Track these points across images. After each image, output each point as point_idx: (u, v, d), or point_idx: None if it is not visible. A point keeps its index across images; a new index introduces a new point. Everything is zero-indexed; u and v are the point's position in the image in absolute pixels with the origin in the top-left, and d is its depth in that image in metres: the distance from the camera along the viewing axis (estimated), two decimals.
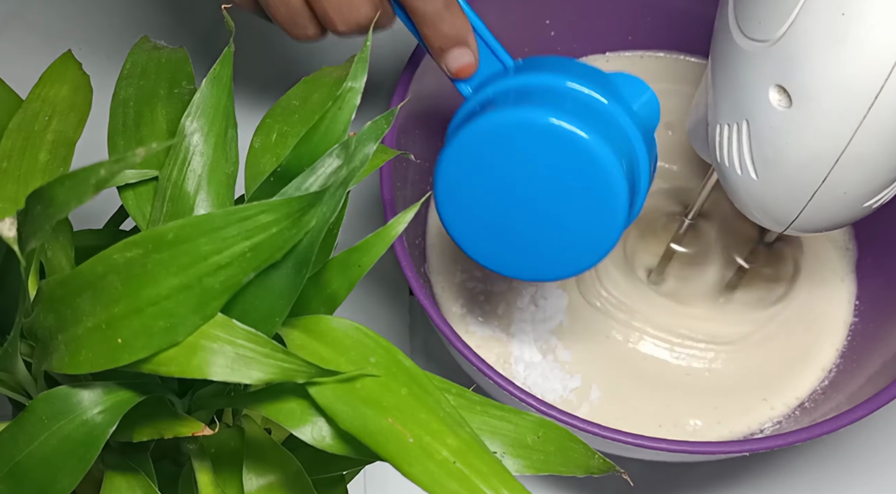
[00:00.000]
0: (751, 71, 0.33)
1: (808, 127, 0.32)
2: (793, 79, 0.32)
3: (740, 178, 0.35)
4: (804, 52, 0.31)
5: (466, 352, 0.36)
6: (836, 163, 0.32)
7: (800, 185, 0.34)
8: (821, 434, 0.35)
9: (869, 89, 0.30)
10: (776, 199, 0.35)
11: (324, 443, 0.24)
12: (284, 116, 0.30)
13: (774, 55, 0.32)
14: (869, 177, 0.33)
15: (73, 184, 0.20)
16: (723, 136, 0.35)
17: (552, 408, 0.35)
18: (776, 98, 0.32)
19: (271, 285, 0.23)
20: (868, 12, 0.29)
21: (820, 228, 0.36)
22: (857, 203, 0.34)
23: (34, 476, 0.24)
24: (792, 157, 0.33)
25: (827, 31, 0.30)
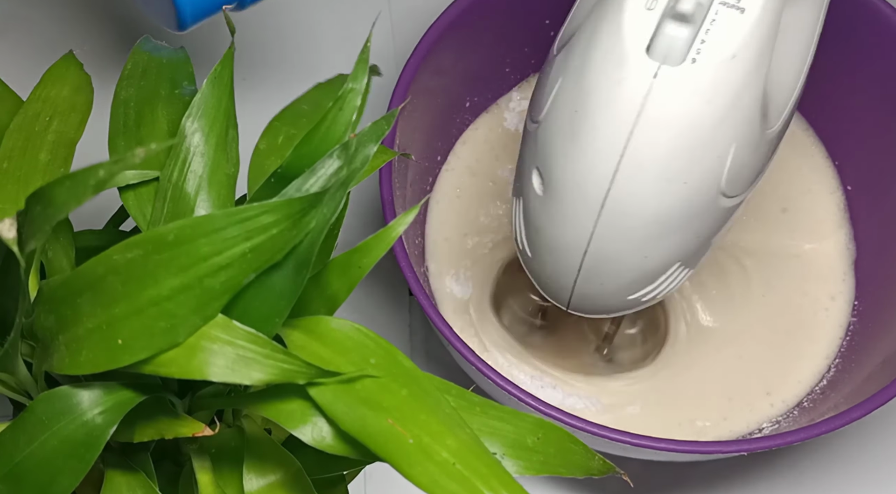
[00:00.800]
0: (526, 150, 0.34)
1: (556, 215, 0.32)
2: (544, 164, 0.32)
3: (522, 253, 0.36)
4: (551, 140, 0.32)
5: (466, 353, 0.36)
6: (584, 254, 0.32)
7: (561, 270, 0.34)
8: (819, 434, 0.35)
9: (598, 189, 0.31)
10: (548, 278, 0.35)
11: (324, 444, 0.24)
12: (293, 120, 0.30)
13: (535, 139, 0.33)
14: (620, 273, 0.33)
15: (73, 185, 0.20)
16: (513, 209, 0.36)
17: (552, 408, 0.35)
18: (536, 181, 0.33)
19: (272, 286, 0.23)
20: (594, 114, 0.30)
21: (599, 313, 0.36)
22: (620, 295, 0.34)
23: (34, 477, 0.24)
24: (548, 241, 0.33)
25: (566, 125, 0.31)
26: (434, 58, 0.42)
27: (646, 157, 0.30)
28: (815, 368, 0.44)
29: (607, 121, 0.30)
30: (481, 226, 0.47)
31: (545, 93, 0.33)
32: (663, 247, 0.32)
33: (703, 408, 0.43)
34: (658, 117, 0.29)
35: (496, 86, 0.49)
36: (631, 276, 0.33)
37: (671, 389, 0.44)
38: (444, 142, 0.48)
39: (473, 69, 0.47)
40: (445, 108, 0.47)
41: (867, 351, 0.43)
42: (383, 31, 0.55)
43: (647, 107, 0.29)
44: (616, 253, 0.32)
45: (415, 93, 0.41)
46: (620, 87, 0.29)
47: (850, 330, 0.45)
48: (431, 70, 0.42)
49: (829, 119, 0.47)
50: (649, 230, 0.31)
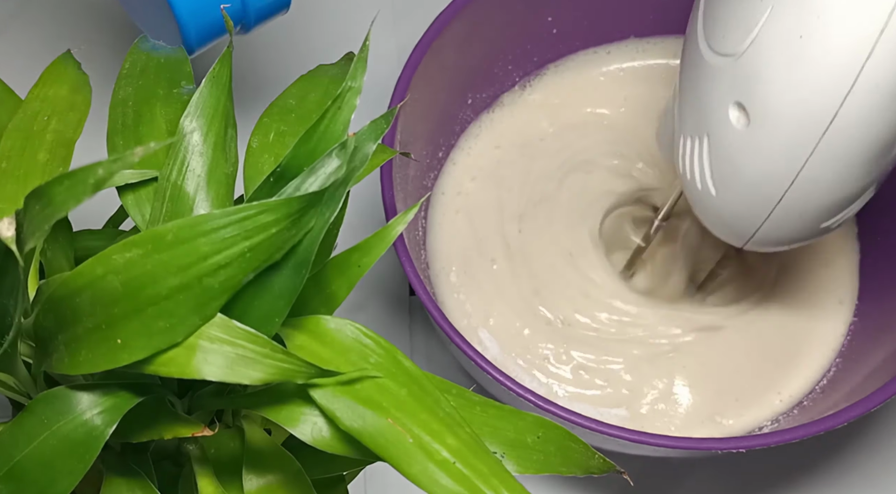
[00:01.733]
0: (713, 85, 0.33)
1: (764, 147, 0.32)
2: (751, 97, 0.31)
3: (700, 193, 0.35)
4: (763, 71, 0.31)
5: (467, 349, 0.36)
6: (791, 185, 0.32)
7: (756, 204, 0.33)
8: (819, 432, 0.35)
9: (823, 114, 0.30)
10: (733, 216, 0.35)
11: (323, 444, 0.24)
12: (281, 116, 0.30)
13: (736, 71, 0.32)
14: (824, 200, 0.33)
15: (71, 184, 0.20)
16: (685, 149, 0.35)
17: (552, 404, 0.35)
18: (735, 115, 0.32)
19: (271, 285, 0.23)
20: (825, 37, 0.29)
21: (779, 245, 0.36)
22: (815, 223, 0.34)
23: (34, 477, 0.24)
24: (748, 176, 0.33)
25: (785, 52, 0.30)
26: (436, 54, 0.42)
27: (883, 77, 0.29)
28: (816, 367, 0.44)
29: (843, 42, 0.29)
30: (484, 222, 0.47)
31: (743, 23, 0.31)
32: (874, 168, 0.32)
33: (703, 407, 0.43)
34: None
35: (498, 83, 0.49)
36: (833, 202, 0.33)
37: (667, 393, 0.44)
38: (446, 139, 0.48)
39: (475, 66, 0.47)
40: (447, 105, 0.47)
41: (868, 351, 0.43)
42: (386, 28, 0.55)
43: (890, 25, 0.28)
44: (828, 180, 0.31)
45: (416, 89, 0.41)
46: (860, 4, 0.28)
47: (851, 330, 0.45)
48: (433, 67, 0.42)
49: None
50: (871, 151, 0.31)
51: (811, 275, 0.46)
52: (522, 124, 0.49)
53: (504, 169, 0.48)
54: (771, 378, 0.44)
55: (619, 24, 0.49)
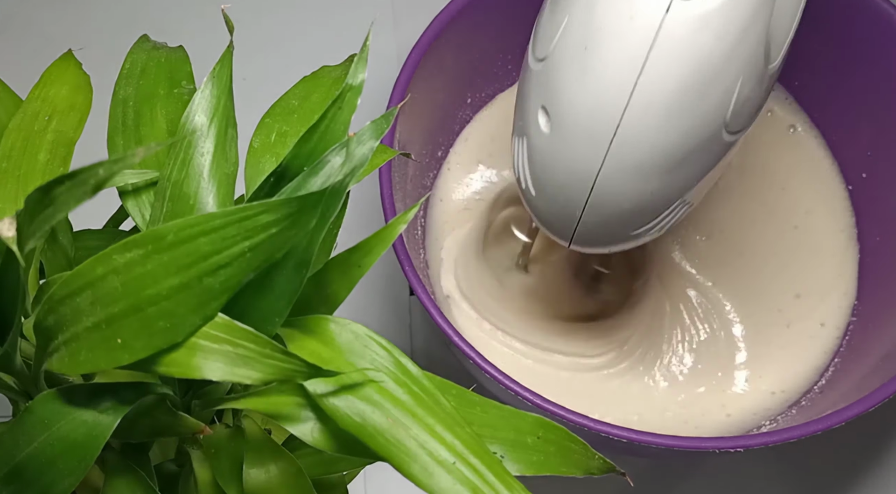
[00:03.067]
0: (529, 89, 0.34)
1: (565, 151, 0.32)
2: (551, 102, 0.32)
3: (524, 192, 0.36)
4: (558, 78, 0.32)
5: (467, 349, 0.36)
6: (591, 190, 0.33)
7: (567, 206, 0.34)
8: (817, 431, 0.35)
9: (608, 124, 0.31)
10: (552, 216, 0.36)
11: (323, 444, 0.24)
12: (283, 116, 0.30)
13: (542, 76, 0.33)
14: (624, 207, 0.33)
15: (72, 184, 0.20)
16: (514, 148, 0.36)
17: (551, 404, 0.35)
18: (543, 119, 0.33)
19: (271, 285, 0.23)
20: (604, 50, 0.30)
21: (601, 247, 0.37)
22: (623, 230, 0.35)
23: (34, 477, 0.24)
24: (556, 179, 0.34)
25: (575, 61, 0.31)
26: (435, 54, 0.42)
27: (656, 92, 0.30)
28: (814, 367, 0.44)
29: (618, 56, 0.30)
30: (482, 221, 0.47)
31: (550, 30, 0.32)
32: (668, 181, 0.33)
33: (702, 406, 0.43)
34: (670, 52, 0.29)
35: (497, 82, 0.49)
36: (635, 211, 0.34)
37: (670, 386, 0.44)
38: (445, 138, 0.48)
39: (474, 65, 0.47)
40: (446, 105, 0.47)
41: (866, 351, 0.43)
42: (386, 28, 0.55)
43: (659, 41, 0.29)
44: (622, 188, 0.32)
45: (415, 89, 0.41)
46: (632, 22, 0.29)
47: (849, 330, 0.45)
48: (432, 66, 0.42)
49: (833, 118, 0.47)
50: (656, 164, 0.32)
51: (809, 274, 0.46)
52: None
53: (504, 167, 0.48)
54: (770, 378, 0.44)
55: None
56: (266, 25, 0.56)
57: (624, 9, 0.30)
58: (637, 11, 0.29)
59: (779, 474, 0.46)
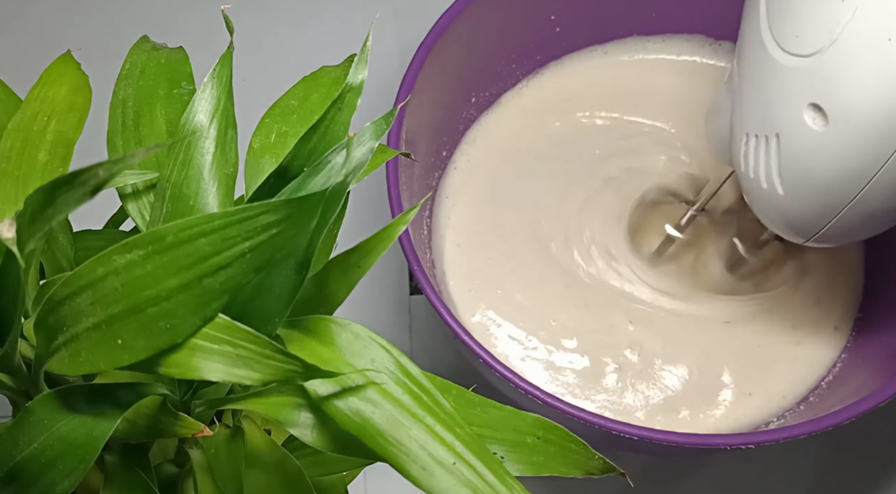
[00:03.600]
0: (784, 85, 0.32)
1: (842, 149, 0.31)
2: (831, 99, 0.31)
3: (764, 191, 0.35)
4: (845, 74, 0.30)
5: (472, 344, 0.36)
6: (864, 187, 0.31)
7: (826, 205, 0.33)
8: (827, 427, 0.35)
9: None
10: (800, 215, 0.34)
11: (323, 444, 0.24)
12: (283, 116, 0.30)
13: (812, 72, 0.31)
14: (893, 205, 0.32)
15: (72, 186, 0.20)
16: (748, 147, 0.34)
17: (558, 401, 0.35)
18: (811, 116, 0.31)
19: (271, 286, 0.23)
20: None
21: (841, 242, 0.36)
22: (883, 224, 0.34)
23: (34, 477, 0.24)
24: (821, 178, 0.32)
25: (871, 55, 0.29)
26: (439, 54, 0.42)
27: None
28: (820, 364, 0.44)
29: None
30: (488, 221, 0.47)
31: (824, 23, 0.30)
32: None
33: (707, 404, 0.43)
34: None
35: (501, 82, 0.49)
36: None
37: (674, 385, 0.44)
38: (450, 138, 0.48)
39: (478, 65, 0.47)
40: (451, 105, 0.47)
41: (873, 347, 0.43)
42: (388, 29, 0.55)
43: None
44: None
45: (420, 89, 0.41)
46: None
47: (855, 326, 0.45)
48: (437, 66, 0.42)
49: None
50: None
51: (816, 270, 0.46)
52: (525, 122, 0.49)
53: (508, 166, 0.48)
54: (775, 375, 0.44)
55: (622, 21, 0.50)
56: (266, 25, 0.56)
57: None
58: None
59: (779, 473, 0.46)
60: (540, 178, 0.48)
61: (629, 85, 0.50)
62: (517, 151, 0.48)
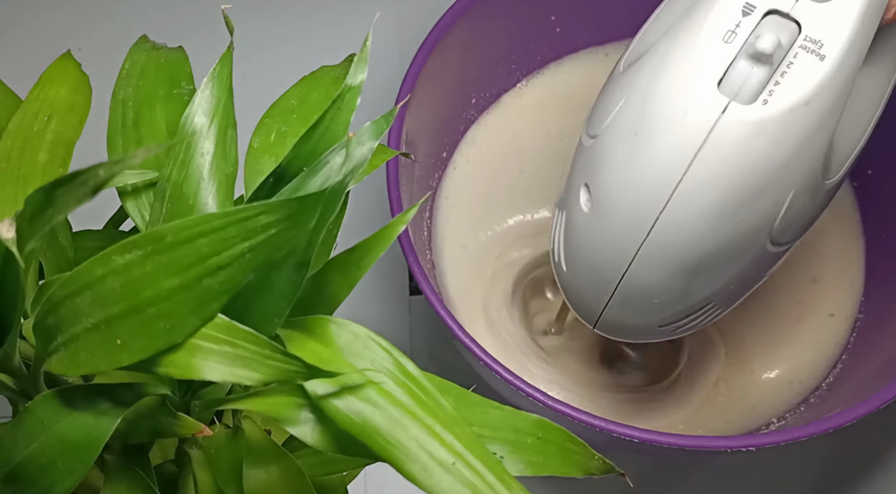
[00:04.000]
0: (576, 163, 0.34)
1: (601, 233, 0.32)
2: (594, 181, 0.32)
3: (556, 265, 0.35)
4: (605, 158, 0.31)
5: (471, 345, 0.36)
6: (622, 276, 0.32)
7: (597, 288, 0.33)
8: (827, 429, 0.35)
9: (648, 214, 0.30)
10: (581, 295, 0.35)
11: (323, 444, 0.24)
12: (283, 116, 0.30)
13: (590, 154, 0.32)
14: (654, 299, 0.33)
15: (72, 186, 0.20)
16: (554, 220, 0.36)
17: (558, 402, 0.35)
18: (584, 196, 0.32)
19: (271, 286, 0.23)
20: (654, 140, 0.29)
21: (626, 336, 0.36)
22: (650, 324, 0.34)
23: (34, 478, 0.24)
24: (589, 258, 0.33)
25: (624, 145, 0.30)
26: (440, 54, 0.42)
27: (701, 192, 0.29)
28: (822, 365, 0.44)
29: (667, 149, 0.29)
30: (488, 222, 0.47)
31: (606, 109, 0.32)
32: (702, 283, 0.32)
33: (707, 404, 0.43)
34: (720, 154, 0.28)
35: (501, 82, 0.49)
36: (664, 308, 0.33)
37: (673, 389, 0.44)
38: (451, 138, 0.48)
39: (478, 65, 0.47)
40: (451, 105, 0.47)
41: (874, 348, 0.43)
42: (388, 29, 0.55)
43: (711, 141, 0.28)
44: (654, 283, 0.32)
45: (421, 90, 0.41)
46: (685, 118, 0.29)
47: (856, 327, 0.45)
48: (437, 67, 0.42)
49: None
50: (691, 264, 0.31)
51: (816, 271, 0.46)
52: (525, 122, 0.49)
53: (508, 167, 0.48)
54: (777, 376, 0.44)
55: (622, 22, 0.49)
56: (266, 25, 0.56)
57: (680, 102, 0.29)
58: (692, 107, 0.29)
59: (778, 473, 0.46)
60: (540, 179, 0.48)
61: None
62: (517, 152, 0.48)
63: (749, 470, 0.46)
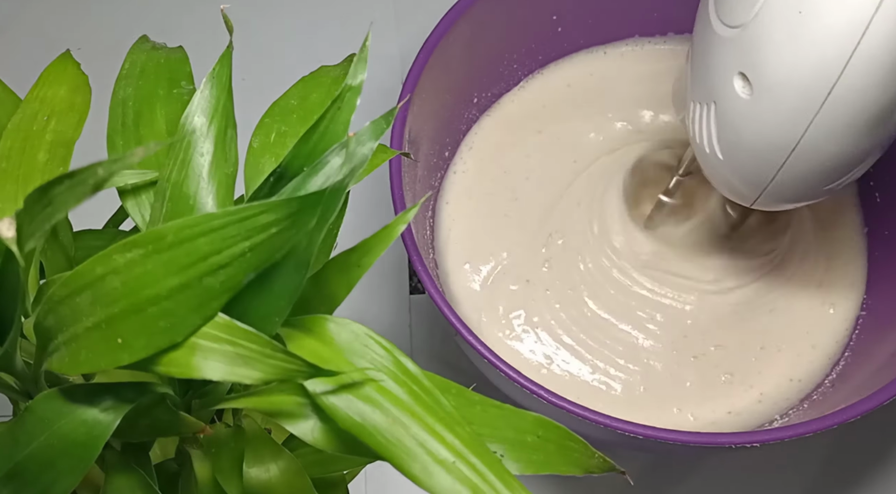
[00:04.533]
0: (720, 55, 0.34)
1: (766, 116, 0.33)
2: (754, 68, 0.32)
3: (708, 156, 0.36)
4: (765, 44, 0.32)
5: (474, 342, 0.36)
6: (791, 152, 0.33)
7: (760, 169, 0.35)
8: (831, 425, 0.35)
9: (821, 87, 0.31)
10: (739, 179, 0.36)
11: (324, 443, 0.24)
12: (283, 116, 0.30)
13: (741, 43, 0.33)
14: (825, 166, 0.34)
15: (72, 184, 0.20)
16: (695, 114, 0.36)
17: (561, 398, 0.35)
18: (740, 85, 0.33)
19: (271, 285, 0.23)
20: (823, 13, 0.30)
21: (785, 204, 0.38)
22: (818, 186, 0.35)
23: (34, 477, 0.24)
24: (752, 143, 0.34)
25: (785, 26, 0.31)
26: (442, 54, 0.42)
27: (878, 54, 0.30)
28: (825, 361, 0.44)
29: (839, 19, 0.30)
30: (490, 221, 0.47)
31: None
32: (876, 135, 0.33)
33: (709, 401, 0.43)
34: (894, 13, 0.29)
35: (503, 82, 0.49)
36: (834, 167, 0.34)
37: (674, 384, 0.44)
38: (452, 138, 0.48)
39: (480, 65, 0.47)
40: (453, 105, 0.47)
41: (877, 345, 0.43)
42: (388, 29, 0.55)
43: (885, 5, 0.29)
44: (827, 146, 0.33)
45: (423, 90, 0.41)
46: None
47: (859, 324, 0.45)
48: (439, 66, 0.42)
49: None
50: (868, 122, 0.32)
51: (818, 268, 0.46)
52: (528, 123, 0.49)
53: (512, 167, 0.48)
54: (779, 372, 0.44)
55: (623, 22, 0.50)
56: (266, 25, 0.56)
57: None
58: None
59: (779, 472, 0.46)
60: (542, 178, 0.48)
61: (631, 85, 0.50)
62: (520, 151, 0.48)
63: (749, 467, 0.46)
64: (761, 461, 0.46)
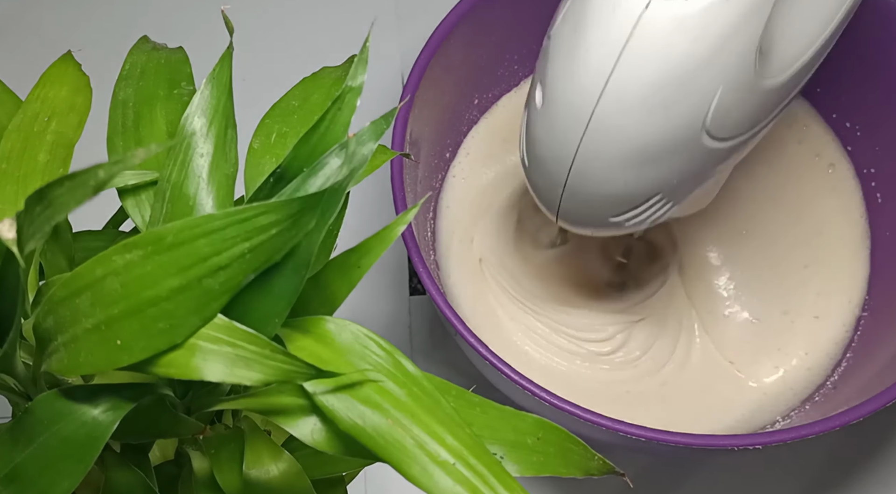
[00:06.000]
0: (537, 64, 0.35)
1: (549, 128, 0.33)
2: (544, 79, 0.33)
3: (522, 161, 0.37)
4: (553, 56, 0.33)
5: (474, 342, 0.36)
6: (570, 169, 0.33)
7: (551, 182, 0.35)
8: (834, 427, 0.35)
9: (585, 108, 0.31)
10: (541, 189, 0.36)
11: (324, 444, 0.24)
12: (283, 117, 0.30)
13: (544, 51, 0.34)
14: (600, 191, 0.34)
15: (72, 186, 0.20)
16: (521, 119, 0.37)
17: (562, 400, 0.35)
18: (538, 93, 0.34)
19: (271, 286, 0.23)
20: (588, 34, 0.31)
21: (584, 228, 0.37)
22: (601, 214, 0.35)
23: (34, 478, 0.24)
24: (542, 153, 0.34)
25: (566, 41, 0.32)
26: (443, 55, 0.42)
27: (629, 85, 0.30)
28: (826, 363, 0.44)
29: (598, 43, 0.30)
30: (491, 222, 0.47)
31: (560, 9, 0.33)
32: (643, 175, 0.33)
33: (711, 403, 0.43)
34: (643, 49, 0.30)
35: (504, 83, 0.49)
36: (611, 198, 0.34)
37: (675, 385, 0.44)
38: (453, 140, 0.48)
39: (481, 66, 0.47)
40: (453, 106, 0.47)
41: (878, 346, 0.43)
42: (389, 29, 0.55)
43: (635, 36, 0.30)
44: (596, 173, 0.33)
45: (424, 91, 0.41)
46: (614, 12, 0.30)
47: (860, 326, 0.45)
48: (440, 67, 0.42)
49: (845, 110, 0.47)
50: (628, 156, 0.32)
51: (819, 270, 0.46)
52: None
53: (511, 168, 0.48)
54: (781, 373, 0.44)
55: None
56: (266, 26, 0.56)
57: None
58: (621, 2, 0.30)
59: (779, 473, 0.46)
60: None
61: None
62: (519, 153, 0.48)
63: (749, 469, 0.46)
64: (762, 462, 0.46)
